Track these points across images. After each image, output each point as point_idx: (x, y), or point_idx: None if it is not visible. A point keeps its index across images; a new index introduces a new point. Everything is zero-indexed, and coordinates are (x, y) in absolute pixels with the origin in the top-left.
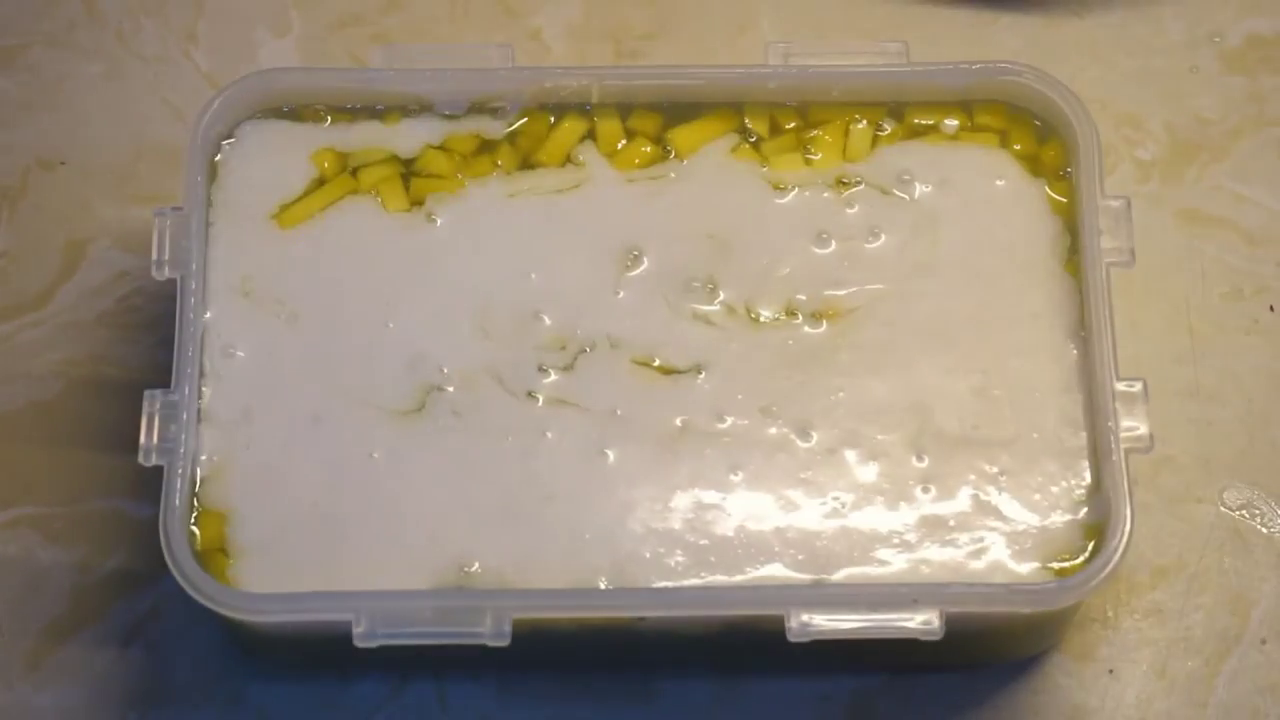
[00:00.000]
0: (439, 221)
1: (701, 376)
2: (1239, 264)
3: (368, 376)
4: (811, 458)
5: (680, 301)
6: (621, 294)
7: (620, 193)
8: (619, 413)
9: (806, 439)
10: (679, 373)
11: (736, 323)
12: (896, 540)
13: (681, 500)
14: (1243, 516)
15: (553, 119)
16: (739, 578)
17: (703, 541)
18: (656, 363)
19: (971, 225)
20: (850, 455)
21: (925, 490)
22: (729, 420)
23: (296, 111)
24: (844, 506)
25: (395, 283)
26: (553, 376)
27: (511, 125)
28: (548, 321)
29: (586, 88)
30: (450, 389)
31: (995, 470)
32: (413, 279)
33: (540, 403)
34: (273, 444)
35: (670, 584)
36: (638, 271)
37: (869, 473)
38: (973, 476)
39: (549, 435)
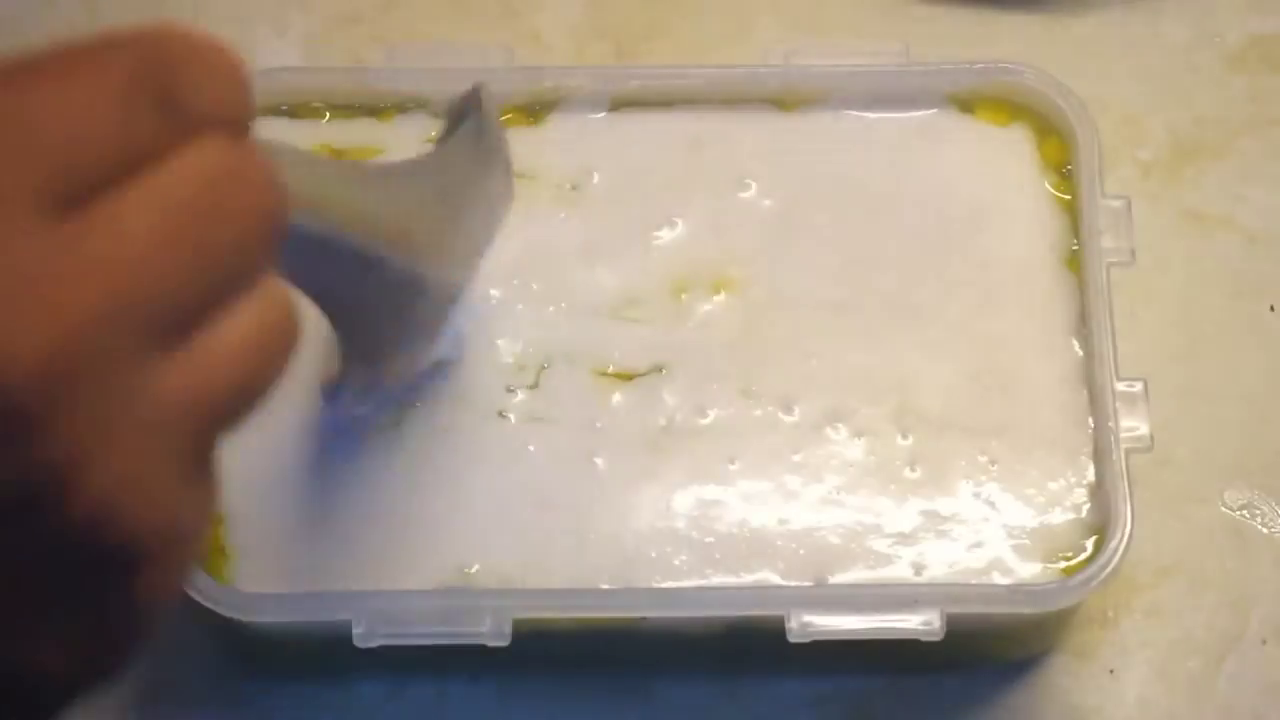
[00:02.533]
0: None
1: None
2: (1240, 264)
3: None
4: (799, 435)
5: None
6: (562, 304)
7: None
8: (598, 425)
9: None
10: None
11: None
12: (895, 536)
13: (679, 498)
14: (1243, 516)
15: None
16: (742, 575)
17: (708, 539)
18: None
19: (971, 220)
20: (846, 443)
21: (929, 500)
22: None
23: (295, 109)
24: (838, 491)
25: None
26: (520, 396)
27: None
28: (500, 340)
29: (586, 87)
30: (419, 405)
31: (994, 467)
32: None
33: (514, 420)
34: (268, 446)
35: (672, 584)
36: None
37: (861, 458)
38: (971, 472)
39: (531, 448)
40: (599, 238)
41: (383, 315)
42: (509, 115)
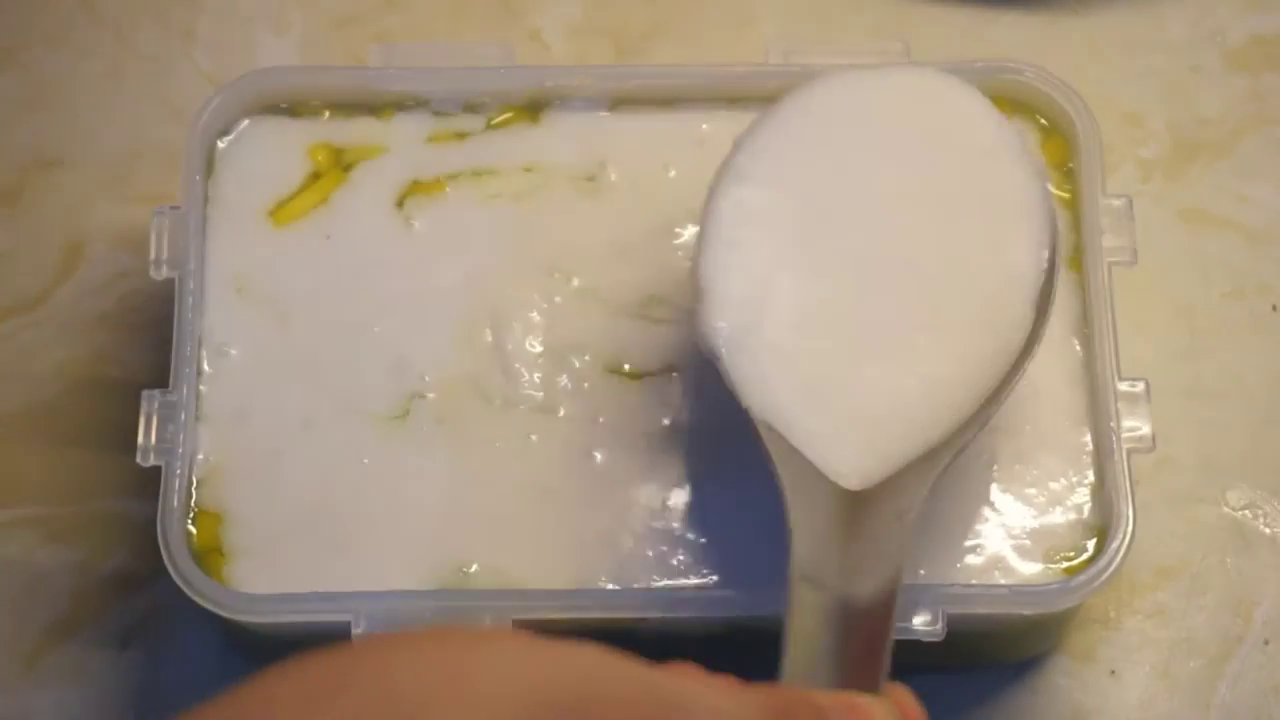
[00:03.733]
0: (416, 225)
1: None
2: (1241, 263)
3: (353, 382)
4: None
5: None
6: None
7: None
8: (601, 420)
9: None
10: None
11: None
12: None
13: (679, 499)
14: (1245, 516)
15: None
16: (741, 574)
17: (708, 539)
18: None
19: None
20: None
21: (929, 501)
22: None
23: (293, 107)
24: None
25: (381, 285)
26: (527, 390)
27: (490, 121)
28: (518, 329)
29: (586, 87)
30: (431, 396)
31: (995, 467)
32: (397, 282)
33: (517, 416)
34: (266, 445)
35: (671, 583)
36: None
37: None
38: (972, 472)
39: (534, 439)
40: (619, 235)
41: None
42: (508, 115)
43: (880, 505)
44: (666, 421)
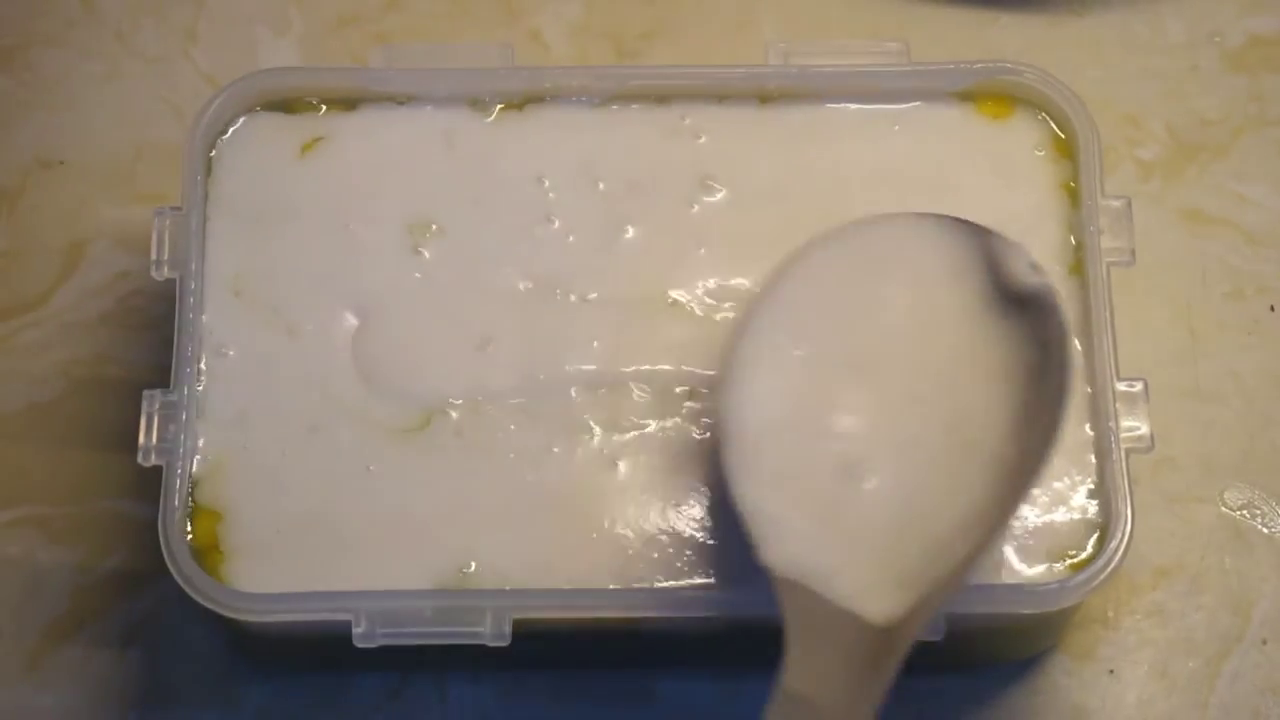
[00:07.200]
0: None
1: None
2: (1240, 264)
3: (363, 389)
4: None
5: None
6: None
7: None
8: (612, 433)
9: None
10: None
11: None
12: None
13: (680, 500)
14: (1244, 516)
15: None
16: (742, 574)
17: (711, 541)
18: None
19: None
20: None
21: None
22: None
23: (290, 103)
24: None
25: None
26: (524, 397)
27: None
28: (539, 341)
29: (586, 88)
30: (453, 414)
31: None
32: (402, 292)
33: (518, 421)
34: (268, 448)
35: (672, 583)
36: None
37: None
38: None
39: (534, 449)
40: (618, 240)
41: None
42: (503, 110)
43: (903, 632)
44: (668, 425)
